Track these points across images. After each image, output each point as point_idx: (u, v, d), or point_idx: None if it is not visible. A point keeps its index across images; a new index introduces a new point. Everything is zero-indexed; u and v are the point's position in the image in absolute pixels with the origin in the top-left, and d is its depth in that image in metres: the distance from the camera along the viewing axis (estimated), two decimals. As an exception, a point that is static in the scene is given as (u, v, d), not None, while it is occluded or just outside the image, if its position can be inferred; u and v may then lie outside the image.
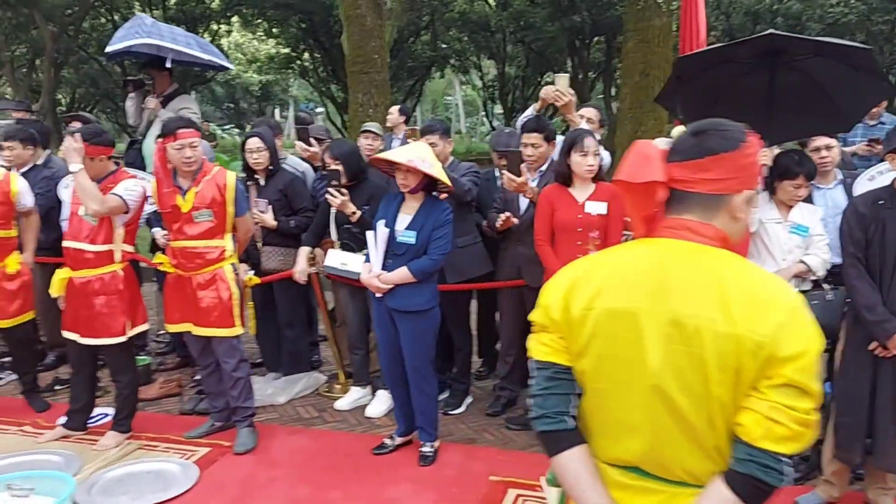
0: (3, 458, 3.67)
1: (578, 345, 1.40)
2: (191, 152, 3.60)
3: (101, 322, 3.72)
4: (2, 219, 4.07)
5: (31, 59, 18.66)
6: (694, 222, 1.37)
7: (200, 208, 3.66)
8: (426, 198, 3.52)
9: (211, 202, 3.66)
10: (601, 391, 1.41)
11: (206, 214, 3.67)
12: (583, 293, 1.40)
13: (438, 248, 3.46)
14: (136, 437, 3.93)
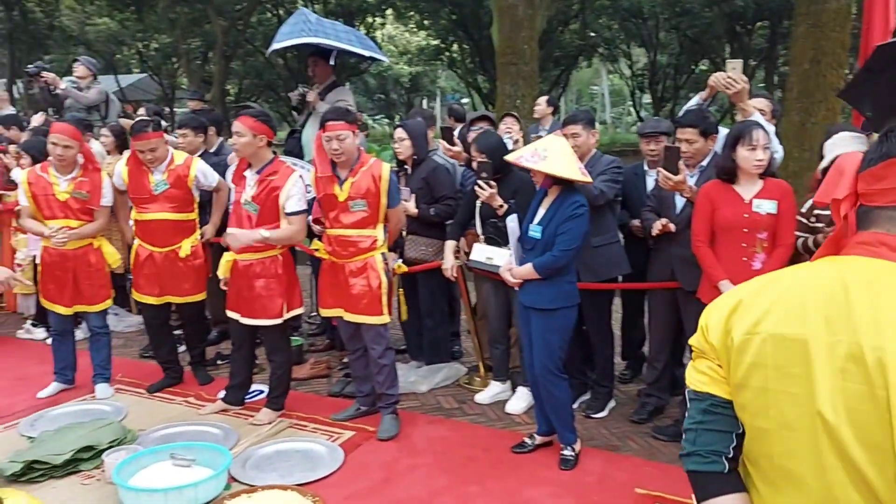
0: (169, 427, 3.97)
1: (737, 375, 1.21)
2: (337, 144, 3.69)
3: (260, 303, 3.92)
4: (181, 203, 4.35)
5: (204, 52, 20.16)
6: (890, 236, 1.17)
7: (356, 198, 3.76)
8: (561, 191, 3.42)
9: (366, 192, 3.75)
10: (762, 431, 1.20)
11: (361, 204, 3.76)
12: (748, 316, 1.21)
13: (562, 244, 3.36)
14: (288, 416, 4.11)
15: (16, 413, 4.21)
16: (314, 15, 5.49)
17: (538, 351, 3.50)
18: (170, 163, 4.30)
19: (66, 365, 4.55)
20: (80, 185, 4.28)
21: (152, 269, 4.34)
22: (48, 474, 3.43)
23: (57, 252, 4.30)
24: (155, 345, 4.59)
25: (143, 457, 3.44)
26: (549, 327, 3.46)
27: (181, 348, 5.01)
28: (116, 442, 3.69)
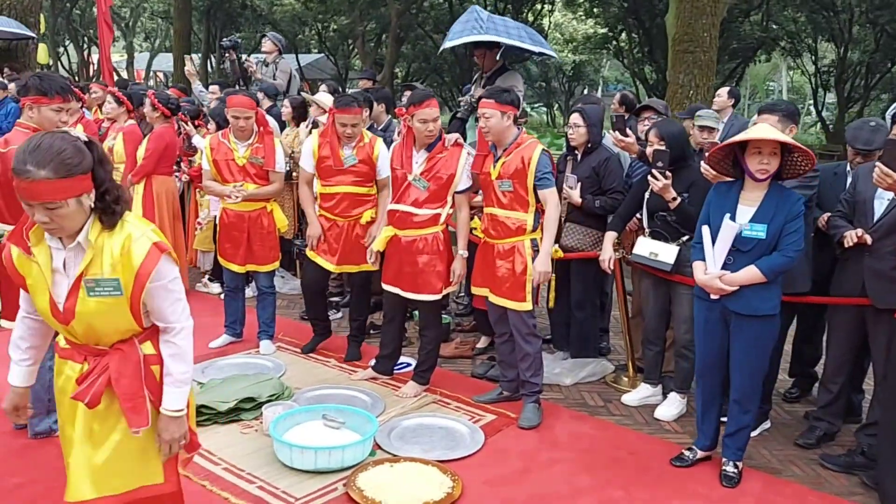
0: (322, 388, 4.14)
1: None
2: (483, 122, 3.76)
3: (422, 279, 3.99)
4: (365, 178, 4.42)
5: (378, 34, 20.89)
6: None
7: (504, 177, 3.74)
8: (772, 186, 3.13)
9: (514, 173, 3.72)
10: None
11: (507, 184, 3.73)
12: None
13: (793, 244, 3.06)
14: (432, 391, 4.17)
15: (189, 359, 4.56)
16: (485, 12, 5.51)
17: (744, 362, 3.21)
18: (360, 139, 4.43)
19: (235, 319, 4.88)
20: (256, 150, 4.54)
21: (334, 238, 4.45)
22: (213, 419, 3.69)
23: (234, 213, 4.59)
24: (309, 303, 4.80)
25: (298, 414, 3.61)
26: (765, 335, 3.19)
27: (337, 315, 5.23)
28: (275, 397, 3.90)
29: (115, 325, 2.02)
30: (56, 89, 3.30)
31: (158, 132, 5.59)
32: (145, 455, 2.12)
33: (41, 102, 3.26)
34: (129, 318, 2.01)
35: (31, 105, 3.29)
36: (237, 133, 4.53)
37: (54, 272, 1.97)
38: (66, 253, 1.95)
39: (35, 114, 3.29)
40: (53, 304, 1.97)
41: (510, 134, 3.77)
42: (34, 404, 3.41)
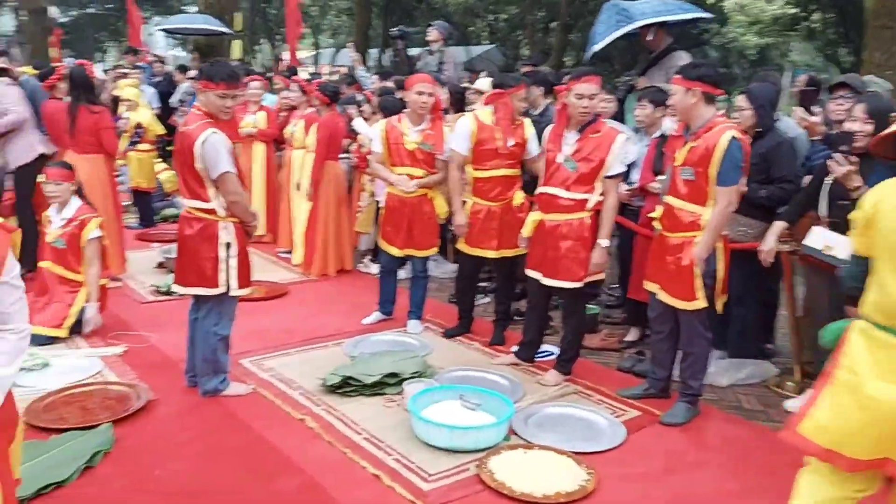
0: (463, 370, 4.17)
1: None
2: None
3: (564, 265, 3.90)
4: (516, 160, 4.39)
5: (546, 23, 20.69)
6: None
7: (688, 164, 3.48)
8: None
9: (698, 160, 3.43)
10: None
11: (689, 172, 3.47)
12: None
13: None
14: (574, 381, 4.07)
15: (345, 333, 4.79)
16: (623, 3, 5.27)
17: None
18: (513, 121, 4.39)
19: (387, 299, 5.05)
20: (427, 136, 4.63)
21: (491, 223, 4.42)
22: (359, 391, 3.85)
23: (398, 199, 4.70)
24: (462, 292, 4.84)
25: (437, 392, 3.67)
26: None
27: (485, 300, 5.25)
28: (417, 374, 3.99)
29: None
30: (222, 76, 3.52)
31: (325, 120, 5.89)
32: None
33: (209, 87, 3.53)
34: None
35: (200, 89, 3.59)
36: (417, 112, 4.59)
37: None
38: None
39: (205, 98, 3.58)
40: None
41: (698, 114, 3.45)
42: (202, 366, 3.76)
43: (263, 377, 4.05)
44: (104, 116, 5.56)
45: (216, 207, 3.57)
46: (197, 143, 3.44)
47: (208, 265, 3.61)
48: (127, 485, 2.97)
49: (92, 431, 3.28)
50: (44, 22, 18.44)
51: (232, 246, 3.64)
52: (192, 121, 3.56)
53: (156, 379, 3.97)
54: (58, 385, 3.79)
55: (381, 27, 24.99)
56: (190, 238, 3.62)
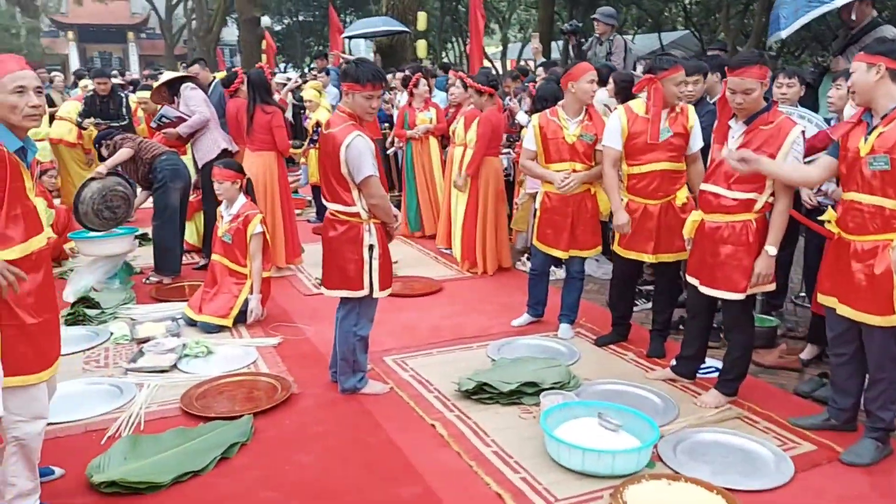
0: (612, 383, 3.85)
1: None
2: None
3: (723, 273, 3.44)
4: (679, 152, 4.00)
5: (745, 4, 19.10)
6: None
7: (878, 152, 2.91)
8: None
9: (894, 146, 2.87)
10: None
11: (883, 161, 2.88)
12: None
13: None
14: (738, 404, 3.59)
15: (492, 334, 4.65)
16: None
17: None
18: (672, 108, 3.99)
19: (538, 301, 4.82)
20: (587, 127, 4.35)
21: (648, 224, 4.05)
22: (495, 399, 3.67)
23: (557, 197, 4.43)
24: (616, 297, 4.49)
25: (576, 407, 3.40)
26: None
27: (646, 305, 4.85)
28: (559, 385, 3.74)
29: None
30: (368, 77, 3.50)
31: (485, 116, 5.76)
32: None
33: (355, 89, 3.52)
34: None
35: (346, 91, 3.58)
36: (582, 103, 4.34)
37: None
38: None
39: (350, 99, 3.57)
40: None
41: (884, 93, 2.92)
42: (341, 365, 3.79)
43: (403, 377, 4.01)
44: (276, 116, 5.85)
45: (360, 210, 3.57)
46: (342, 148, 3.44)
47: (352, 267, 3.62)
48: (257, 478, 3.04)
49: (234, 422, 3.40)
50: (257, 31, 20.22)
51: (375, 248, 3.63)
52: (336, 123, 3.57)
53: (303, 371, 4.08)
54: (216, 373, 4.02)
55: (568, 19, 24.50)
56: (334, 240, 3.65)
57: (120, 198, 5.54)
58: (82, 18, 37.31)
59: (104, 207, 5.47)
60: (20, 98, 2.47)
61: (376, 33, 11.98)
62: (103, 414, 3.56)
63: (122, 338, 4.54)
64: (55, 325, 2.74)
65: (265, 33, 18.86)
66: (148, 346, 4.29)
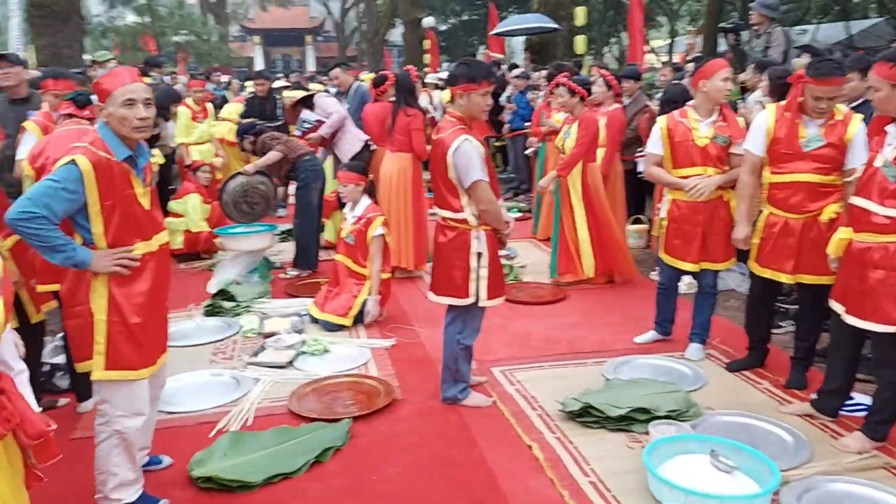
0: (735, 415, 3.45)
1: None
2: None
3: (872, 301, 2.96)
4: (832, 165, 3.51)
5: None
6: None
7: None
8: None
9: None
10: None
11: None
12: None
13: None
14: (887, 451, 3.09)
15: (611, 350, 4.36)
16: None
17: None
18: (830, 116, 3.51)
19: (666, 318, 4.45)
20: (721, 129, 3.97)
21: (788, 240, 3.62)
22: (601, 423, 3.42)
23: (687, 205, 4.07)
24: (752, 319, 4.04)
25: (688, 441, 3.08)
26: None
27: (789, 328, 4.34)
28: (675, 413, 3.42)
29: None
30: (483, 75, 3.42)
31: (584, 119, 5.37)
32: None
33: (471, 89, 3.40)
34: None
35: (461, 93, 3.47)
36: (715, 102, 3.98)
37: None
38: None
39: (465, 101, 3.46)
40: None
41: None
42: (444, 372, 3.71)
43: (508, 390, 3.86)
44: (416, 119, 5.87)
45: (468, 217, 3.46)
46: (449, 153, 3.35)
47: (458, 275, 3.52)
48: (344, 486, 3.02)
49: (333, 425, 3.42)
50: (418, 31, 20.73)
51: (483, 256, 3.51)
52: (445, 127, 3.48)
53: (410, 376, 4.05)
54: (327, 372, 4.09)
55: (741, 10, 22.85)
56: (443, 246, 3.57)
57: (260, 195, 5.88)
58: (267, 23, 40.17)
59: (243, 202, 5.85)
60: (129, 110, 2.59)
61: (526, 30, 11.79)
62: (218, 406, 3.72)
63: (251, 331, 4.76)
64: (161, 326, 2.87)
65: (428, 33, 19.31)
66: (270, 342, 4.46)
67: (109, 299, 2.64)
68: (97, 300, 2.63)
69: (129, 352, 2.68)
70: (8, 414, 1.57)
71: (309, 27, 42.41)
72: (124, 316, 2.66)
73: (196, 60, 28.10)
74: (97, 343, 2.63)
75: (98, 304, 2.63)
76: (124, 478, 2.79)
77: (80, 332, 2.69)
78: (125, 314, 2.66)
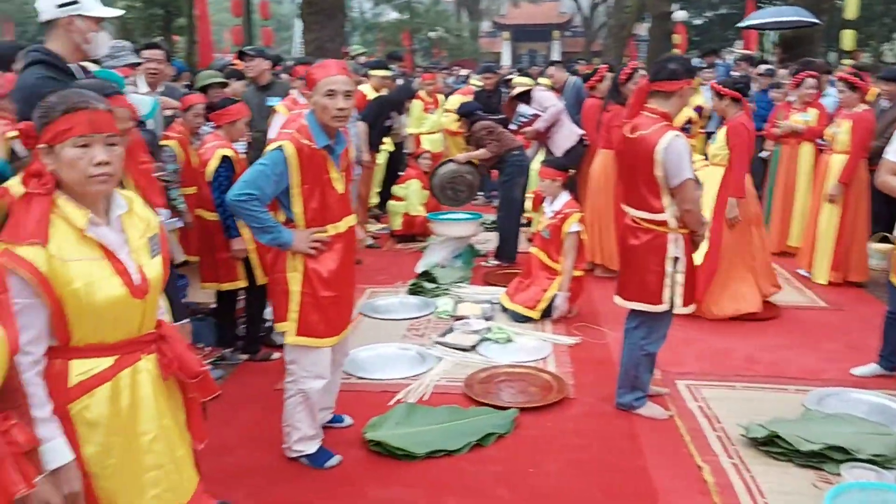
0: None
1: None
2: None
3: None
4: None
5: None
6: None
7: None
8: None
9: None
10: None
11: None
12: None
13: None
14: None
15: (818, 380, 3.91)
16: None
17: None
18: None
19: (893, 351, 3.89)
20: None
21: None
22: (788, 456, 3.10)
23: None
24: None
25: (887, 492, 2.69)
26: None
27: None
28: (881, 459, 2.98)
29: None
30: (689, 69, 3.32)
31: (732, 124, 4.71)
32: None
33: (678, 86, 3.31)
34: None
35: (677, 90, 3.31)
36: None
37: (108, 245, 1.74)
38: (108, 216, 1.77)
39: (677, 97, 3.33)
40: (130, 284, 1.73)
41: None
42: (622, 377, 3.58)
43: (689, 406, 3.63)
44: (616, 116, 5.70)
45: (668, 218, 3.32)
46: (658, 149, 3.23)
47: (653, 279, 3.39)
48: (500, 472, 3.07)
49: (500, 412, 3.48)
50: (666, 25, 19.93)
51: (680, 261, 3.35)
52: (645, 125, 3.35)
53: (587, 376, 3.98)
54: (505, 361, 4.15)
55: None
56: (635, 249, 3.45)
57: (465, 183, 6.14)
58: (517, 19, 41.03)
59: (449, 187, 6.18)
60: (330, 100, 2.83)
61: (780, 24, 10.77)
62: (401, 378, 3.96)
63: (444, 312, 4.97)
64: (347, 300, 3.12)
65: (678, 27, 18.46)
66: (458, 325, 4.63)
67: (304, 273, 2.92)
68: (293, 273, 2.93)
69: (317, 322, 2.95)
70: (168, 361, 1.82)
71: (557, 22, 42.60)
72: (315, 289, 2.93)
73: (448, 55, 29.60)
74: (291, 311, 2.94)
75: (294, 276, 2.93)
76: (305, 432, 3.10)
77: (277, 297, 3.02)
78: (316, 288, 2.93)
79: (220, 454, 3.11)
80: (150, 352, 1.82)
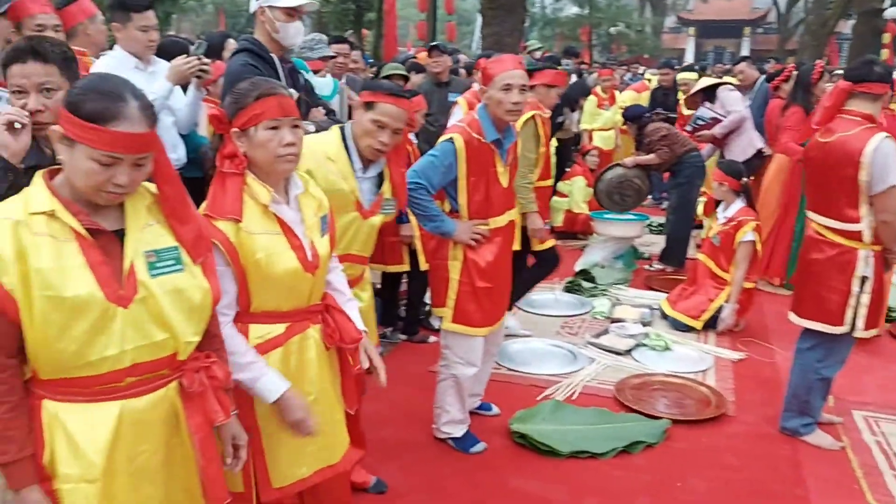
0: None
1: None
2: None
3: None
4: None
5: None
6: None
7: None
8: None
9: None
10: None
11: None
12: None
13: None
14: None
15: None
16: None
17: None
18: None
19: None
20: None
21: None
22: None
23: None
24: None
25: None
26: None
27: None
28: None
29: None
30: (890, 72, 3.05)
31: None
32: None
33: (879, 90, 3.05)
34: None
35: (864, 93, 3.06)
36: None
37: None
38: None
39: (877, 101, 3.08)
40: (304, 258, 1.87)
41: None
42: (790, 400, 3.35)
43: (865, 439, 3.32)
44: (793, 116, 5.25)
45: (863, 229, 3.04)
46: (867, 151, 2.94)
47: (835, 298, 3.13)
48: (647, 482, 2.98)
49: (650, 422, 3.38)
50: (874, 22, 18.12)
51: (868, 281, 3.07)
52: (842, 127, 3.09)
53: (750, 394, 3.76)
54: (662, 370, 4.02)
55: None
56: (817, 264, 3.19)
57: (633, 189, 5.93)
58: (705, 14, 38.98)
59: (616, 192, 5.97)
60: (505, 95, 2.87)
61: None
62: (550, 375, 3.95)
63: (600, 313, 4.89)
64: (502, 292, 3.17)
65: (889, 25, 16.77)
66: (614, 327, 4.54)
67: (463, 263, 3.00)
68: (453, 262, 3.01)
69: (473, 311, 3.03)
70: (331, 330, 1.99)
71: (749, 18, 40.01)
72: (473, 279, 3.00)
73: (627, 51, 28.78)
74: (449, 298, 3.03)
75: (454, 265, 3.01)
76: (454, 416, 3.19)
77: (437, 284, 3.12)
78: (473, 278, 3.00)
79: (377, 427, 3.27)
80: (317, 322, 1.97)
